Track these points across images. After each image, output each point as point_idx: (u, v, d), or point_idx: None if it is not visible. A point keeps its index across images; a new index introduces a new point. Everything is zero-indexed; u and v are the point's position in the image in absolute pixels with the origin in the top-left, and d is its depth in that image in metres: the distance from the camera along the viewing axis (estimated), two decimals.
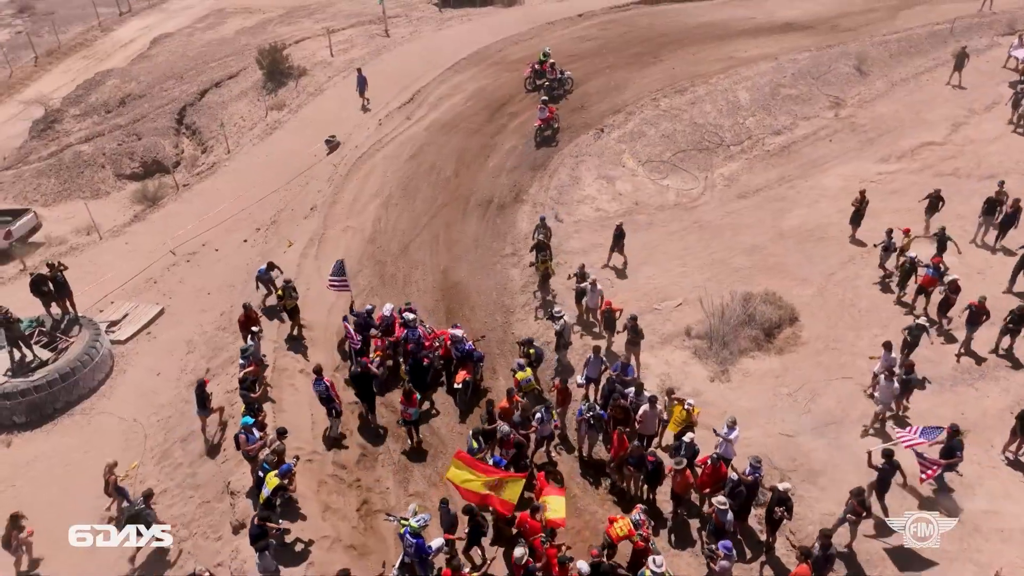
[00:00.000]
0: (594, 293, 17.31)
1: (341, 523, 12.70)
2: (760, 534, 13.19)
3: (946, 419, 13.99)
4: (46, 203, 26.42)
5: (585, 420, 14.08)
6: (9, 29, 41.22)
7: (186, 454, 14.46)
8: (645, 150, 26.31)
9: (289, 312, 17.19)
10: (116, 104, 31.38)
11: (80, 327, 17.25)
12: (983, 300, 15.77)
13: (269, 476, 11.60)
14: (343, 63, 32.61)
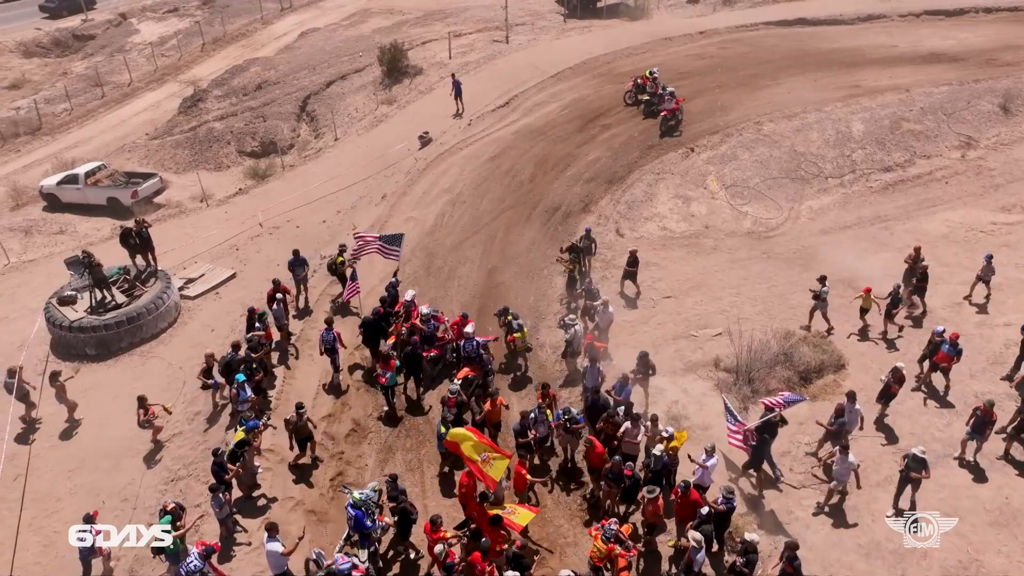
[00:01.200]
0: (605, 314, 16.92)
1: (310, 489, 13.43)
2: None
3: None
4: (176, 171, 29.71)
5: (561, 425, 13.91)
6: (190, 19, 46.52)
7: (207, 405, 15.82)
8: (733, 174, 25.23)
9: (339, 277, 18.37)
10: (253, 89, 34.60)
11: (156, 279, 19.36)
12: (991, 406, 13.61)
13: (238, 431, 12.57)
14: (458, 65, 33.91)
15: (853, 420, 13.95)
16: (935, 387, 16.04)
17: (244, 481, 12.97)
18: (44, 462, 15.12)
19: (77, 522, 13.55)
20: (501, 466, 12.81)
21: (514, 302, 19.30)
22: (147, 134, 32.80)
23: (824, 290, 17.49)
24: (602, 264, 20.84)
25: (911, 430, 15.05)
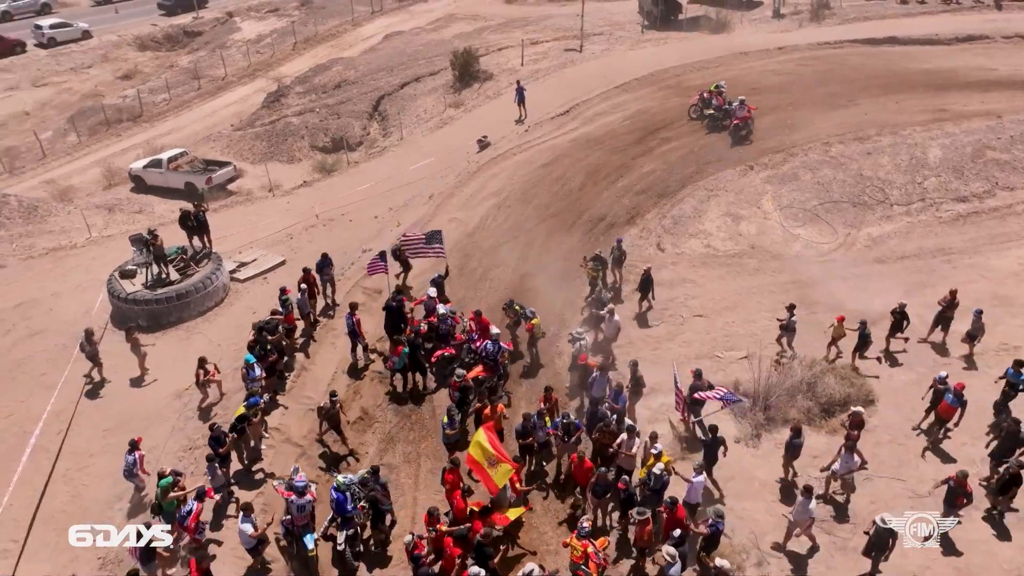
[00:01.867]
0: (611, 322, 16.75)
1: (309, 470, 14.03)
2: None
3: None
4: (252, 161, 31.44)
5: (557, 433, 13.93)
6: (288, 19, 49.13)
7: (235, 381, 16.75)
8: (791, 195, 24.38)
9: (404, 264, 19.52)
10: (332, 87, 36.20)
11: (209, 260, 20.66)
12: (964, 476, 12.44)
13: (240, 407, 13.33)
14: (528, 72, 34.33)
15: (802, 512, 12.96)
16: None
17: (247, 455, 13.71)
18: (86, 420, 16.44)
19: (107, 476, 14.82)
20: (505, 474, 12.96)
21: (541, 307, 19.33)
22: (232, 125, 34.89)
23: (793, 320, 16.97)
24: (636, 277, 20.59)
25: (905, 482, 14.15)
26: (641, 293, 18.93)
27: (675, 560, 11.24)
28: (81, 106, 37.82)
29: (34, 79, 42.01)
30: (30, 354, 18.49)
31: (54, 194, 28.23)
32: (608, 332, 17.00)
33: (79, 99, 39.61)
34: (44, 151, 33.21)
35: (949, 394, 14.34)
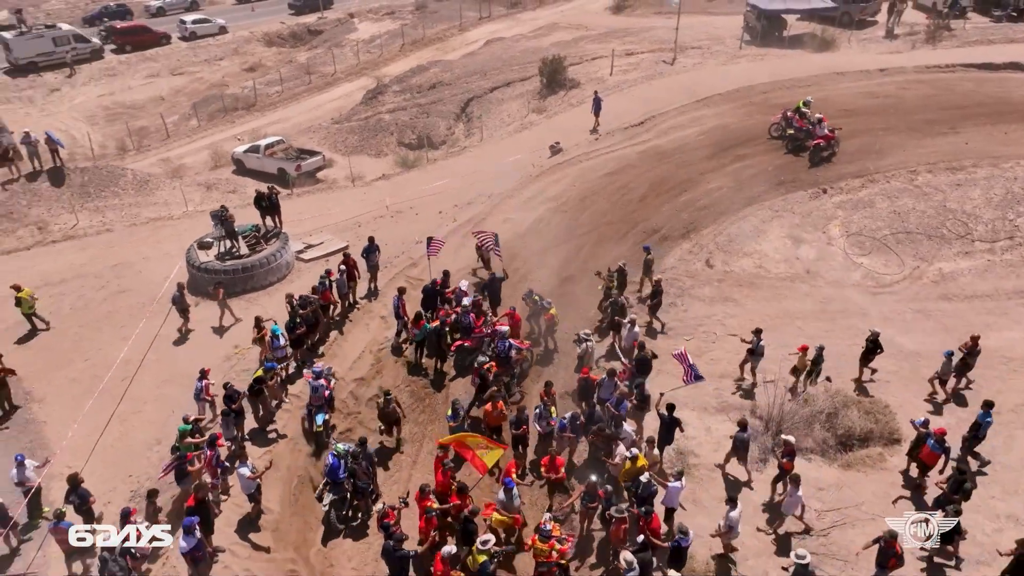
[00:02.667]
0: (630, 332, 16.76)
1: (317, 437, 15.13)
2: None
3: None
4: (343, 152, 33.48)
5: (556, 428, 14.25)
6: (401, 22, 51.64)
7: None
8: (862, 222, 23.39)
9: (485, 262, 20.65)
10: (427, 88, 37.88)
11: (277, 239, 22.40)
12: (893, 536, 11.64)
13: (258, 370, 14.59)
14: (615, 83, 34.51)
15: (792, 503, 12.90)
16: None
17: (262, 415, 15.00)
18: (148, 371, 18.35)
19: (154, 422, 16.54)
20: (495, 456, 13.52)
21: (574, 311, 19.70)
22: (332, 119, 37.27)
23: (760, 344, 16.40)
24: (676, 291, 20.50)
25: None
26: (652, 306, 18.81)
27: (632, 567, 11.35)
28: (206, 94, 41.56)
29: (173, 68, 46.52)
30: (115, 309, 20.79)
31: (167, 171, 31.32)
32: (625, 341, 17.09)
33: (207, 88, 43.48)
34: (168, 132, 36.83)
35: (931, 439, 13.58)
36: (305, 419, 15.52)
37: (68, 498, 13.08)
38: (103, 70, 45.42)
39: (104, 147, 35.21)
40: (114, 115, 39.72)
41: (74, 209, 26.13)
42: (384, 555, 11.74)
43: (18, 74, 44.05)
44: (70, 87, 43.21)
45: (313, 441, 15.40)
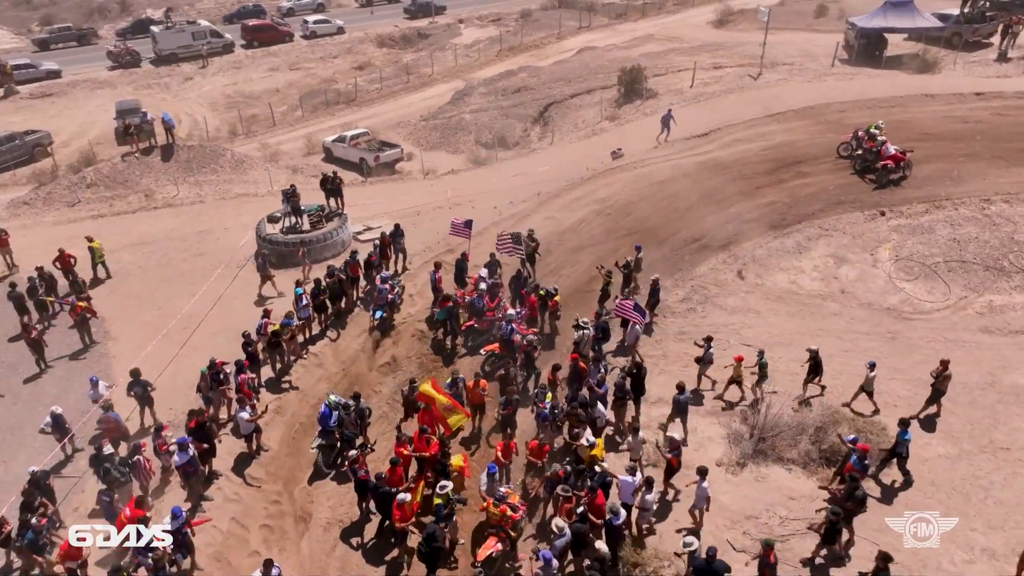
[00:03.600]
0: (632, 330, 17.24)
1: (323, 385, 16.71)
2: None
3: None
4: (424, 148, 35.57)
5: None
6: (504, 29, 53.57)
7: None
8: (915, 247, 22.58)
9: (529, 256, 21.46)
10: (512, 91, 39.38)
11: (337, 219, 24.46)
12: (768, 546, 11.64)
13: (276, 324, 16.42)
14: (693, 95, 34.62)
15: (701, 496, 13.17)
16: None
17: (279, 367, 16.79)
18: (210, 322, 20.71)
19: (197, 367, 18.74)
20: (459, 420, 14.70)
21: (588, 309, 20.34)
22: (421, 116, 39.54)
23: (710, 352, 16.57)
24: (700, 298, 20.73)
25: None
26: (649, 304, 19.14)
27: (562, 532, 12.07)
28: (315, 88, 45.08)
29: (291, 64, 50.68)
30: (192, 268, 23.49)
31: (265, 155, 34.47)
32: (628, 338, 17.64)
33: (317, 82, 47.07)
34: (275, 121, 40.40)
35: (854, 455, 13.33)
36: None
37: (130, 389, 15.53)
38: (231, 63, 50.22)
39: (218, 130, 39.13)
40: (233, 103, 43.87)
41: (176, 181, 29.52)
42: (367, 490, 13.14)
43: (161, 64, 49.59)
44: (201, 77, 48.12)
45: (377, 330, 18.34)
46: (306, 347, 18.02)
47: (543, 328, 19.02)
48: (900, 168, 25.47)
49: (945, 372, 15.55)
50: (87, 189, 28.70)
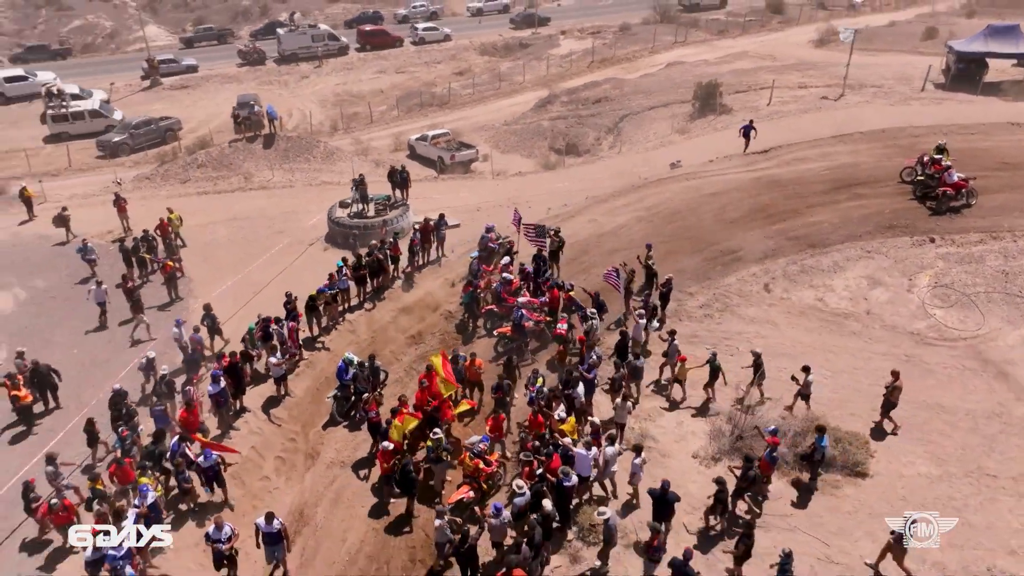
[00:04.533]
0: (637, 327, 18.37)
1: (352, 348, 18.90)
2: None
3: None
4: (501, 150, 37.61)
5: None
6: (600, 41, 54.93)
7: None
8: (959, 276, 22.19)
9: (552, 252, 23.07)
10: (592, 101, 40.76)
11: (400, 208, 26.85)
12: (655, 531, 12.51)
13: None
14: (769, 112, 34.79)
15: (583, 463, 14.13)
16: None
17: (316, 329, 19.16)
18: (275, 287, 23.50)
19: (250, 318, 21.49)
20: (449, 389, 16.51)
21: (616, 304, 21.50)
22: (504, 121, 41.67)
23: (675, 345, 17.54)
24: (720, 306, 21.40)
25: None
26: (660, 304, 20.00)
27: (521, 491, 13.52)
28: (413, 90, 48.32)
29: (398, 67, 54.38)
30: (272, 243, 26.55)
31: (356, 149, 37.68)
32: (635, 333, 18.74)
33: (418, 85, 50.33)
34: (372, 119, 43.80)
35: (768, 449, 13.84)
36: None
37: (203, 320, 18.83)
38: (344, 64, 54.53)
39: (321, 124, 42.94)
40: (340, 101, 47.80)
41: (272, 167, 33.08)
42: (377, 431, 15.24)
43: (283, 63, 54.61)
44: (316, 76, 52.62)
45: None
46: (343, 315, 20.38)
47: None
48: (961, 196, 24.91)
49: (896, 383, 15.76)
50: (197, 169, 32.77)
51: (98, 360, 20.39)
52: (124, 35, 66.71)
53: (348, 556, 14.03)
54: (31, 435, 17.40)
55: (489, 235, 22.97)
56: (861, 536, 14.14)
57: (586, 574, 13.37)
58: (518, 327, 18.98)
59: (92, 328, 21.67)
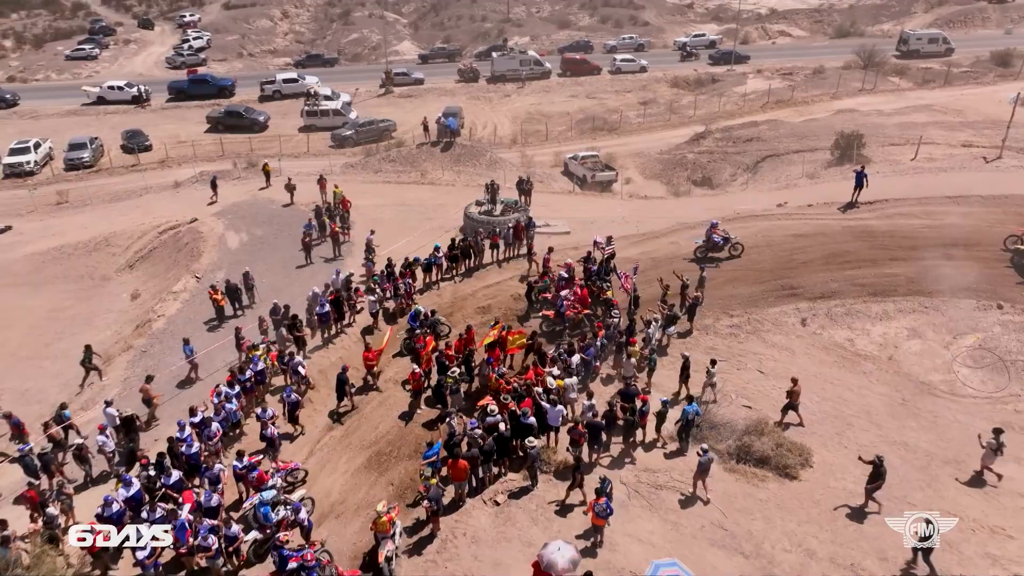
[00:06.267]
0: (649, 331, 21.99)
1: (431, 304, 24.72)
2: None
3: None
4: (645, 176, 41.72)
5: None
6: (787, 83, 55.87)
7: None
8: (1008, 343, 22.88)
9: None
10: (743, 140, 43.07)
11: (520, 212, 32.37)
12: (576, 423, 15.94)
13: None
14: (909, 167, 35.13)
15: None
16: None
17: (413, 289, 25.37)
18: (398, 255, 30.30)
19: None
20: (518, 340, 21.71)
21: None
22: (660, 151, 45.49)
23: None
24: (751, 328, 24.03)
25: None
26: (688, 315, 23.09)
27: (493, 414, 18.26)
28: (592, 115, 53.66)
29: (589, 93, 60.09)
30: (416, 227, 33.47)
31: (521, 161, 43.95)
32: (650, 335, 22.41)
33: (602, 111, 55.56)
34: (547, 137, 49.94)
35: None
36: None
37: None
38: (543, 87, 61.48)
39: (503, 138, 49.99)
40: (529, 119, 54.61)
41: (444, 168, 40.44)
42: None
43: (493, 82, 62.92)
44: (517, 95, 60.12)
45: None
46: (437, 283, 26.41)
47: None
48: None
49: (795, 388, 18.09)
50: (389, 163, 41.17)
51: (277, 287, 28.46)
52: (384, 48, 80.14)
53: (375, 438, 19.89)
54: (221, 327, 25.54)
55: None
56: (760, 519, 16.89)
57: (515, 489, 17.74)
58: (560, 314, 23.63)
59: (298, 265, 29.82)
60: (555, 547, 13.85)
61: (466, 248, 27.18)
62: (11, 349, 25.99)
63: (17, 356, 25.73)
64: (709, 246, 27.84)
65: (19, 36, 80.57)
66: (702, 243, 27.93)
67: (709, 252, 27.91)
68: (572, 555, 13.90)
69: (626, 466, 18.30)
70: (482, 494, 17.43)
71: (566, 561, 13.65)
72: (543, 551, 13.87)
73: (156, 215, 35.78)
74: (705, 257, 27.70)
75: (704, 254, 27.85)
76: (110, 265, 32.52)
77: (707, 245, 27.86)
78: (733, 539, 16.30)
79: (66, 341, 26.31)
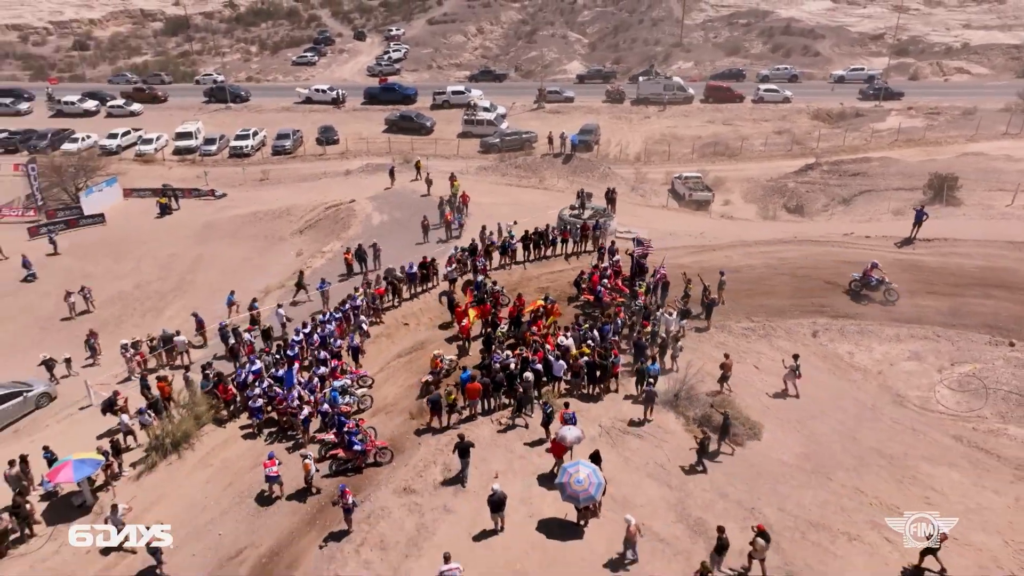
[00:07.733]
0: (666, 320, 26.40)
1: (501, 280, 30.76)
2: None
3: None
4: (746, 200, 44.87)
5: None
6: (928, 121, 55.18)
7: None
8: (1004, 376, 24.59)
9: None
10: (849, 174, 44.85)
11: (604, 216, 37.46)
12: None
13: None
14: (998, 213, 35.83)
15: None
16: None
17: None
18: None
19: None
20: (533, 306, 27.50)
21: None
22: (769, 178, 48.18)
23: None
24: (762, 332, 27.56)
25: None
26: (705, 314, 27.07)
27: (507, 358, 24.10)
28: (718, 140, 56.80)
29: (726, 120, 62.97)
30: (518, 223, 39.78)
31: (632, 177, 48.71)
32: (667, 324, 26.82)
33: (733, 137, 58.24)
34: (669, 157, 54.16)
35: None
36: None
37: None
38: (682, 111, 65.29)
39: (629, 155, 54.90)
40: (661, 140, 58.88)
41: (560, 177, 46.42)
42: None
43: (637, 103, 67.77)
44: (656, 118, 64.48)
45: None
46: (510, 264, 32.52)
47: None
48: None
49: (726, 361, 21.97)
50: (514, 169, 47.94)
51: (399, 256, 35.99)
52: (555, 67, 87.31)
53: (395, 398, 26.11)
54: (348, 279, 33.39)
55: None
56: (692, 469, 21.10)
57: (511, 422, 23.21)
58: (598, 299, 28.81)
59: (417, 242, 37.38)
60: (566, 429, 20.12)
61: (537, 238, 33.03)
62: (212, 280, 35.84)
63: (214, 287, 35.47)
64: (864, 282, 28.92)
65: (263, 43, 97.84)
66: (858, 278, 29.10)
67: (863, 289, 28.99)
68: (578, 433, 20.29)
69: (609, 415, 23.20)
70: (490, 416, 23.31)
71: (573, 437, 20.09)
72: (560, 431, 20.16)
73: (328, 195, 45.20)
74: (859, 292, 29.06)
75: (859, 288, 29.02)
76: (287, 229, 42.14)
77: (862, 281, 28.95)
78: (667, 475, 20.69)
79: (247, 282, 35.68)
